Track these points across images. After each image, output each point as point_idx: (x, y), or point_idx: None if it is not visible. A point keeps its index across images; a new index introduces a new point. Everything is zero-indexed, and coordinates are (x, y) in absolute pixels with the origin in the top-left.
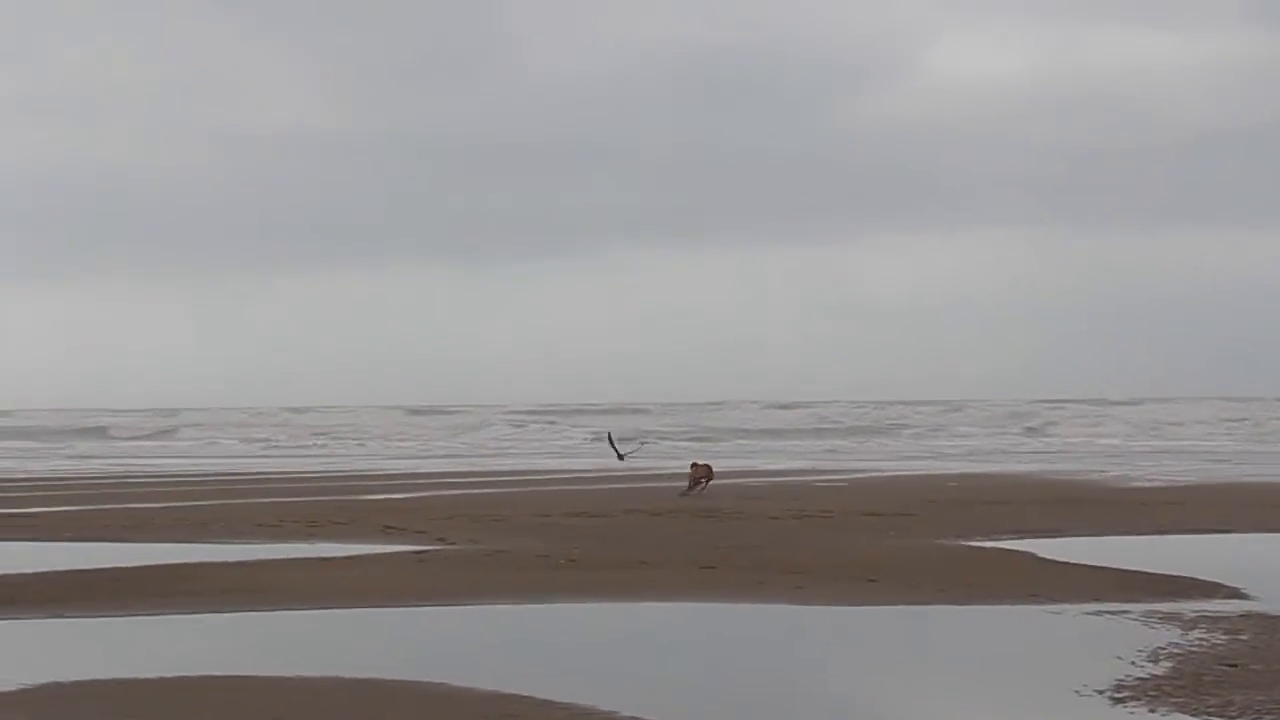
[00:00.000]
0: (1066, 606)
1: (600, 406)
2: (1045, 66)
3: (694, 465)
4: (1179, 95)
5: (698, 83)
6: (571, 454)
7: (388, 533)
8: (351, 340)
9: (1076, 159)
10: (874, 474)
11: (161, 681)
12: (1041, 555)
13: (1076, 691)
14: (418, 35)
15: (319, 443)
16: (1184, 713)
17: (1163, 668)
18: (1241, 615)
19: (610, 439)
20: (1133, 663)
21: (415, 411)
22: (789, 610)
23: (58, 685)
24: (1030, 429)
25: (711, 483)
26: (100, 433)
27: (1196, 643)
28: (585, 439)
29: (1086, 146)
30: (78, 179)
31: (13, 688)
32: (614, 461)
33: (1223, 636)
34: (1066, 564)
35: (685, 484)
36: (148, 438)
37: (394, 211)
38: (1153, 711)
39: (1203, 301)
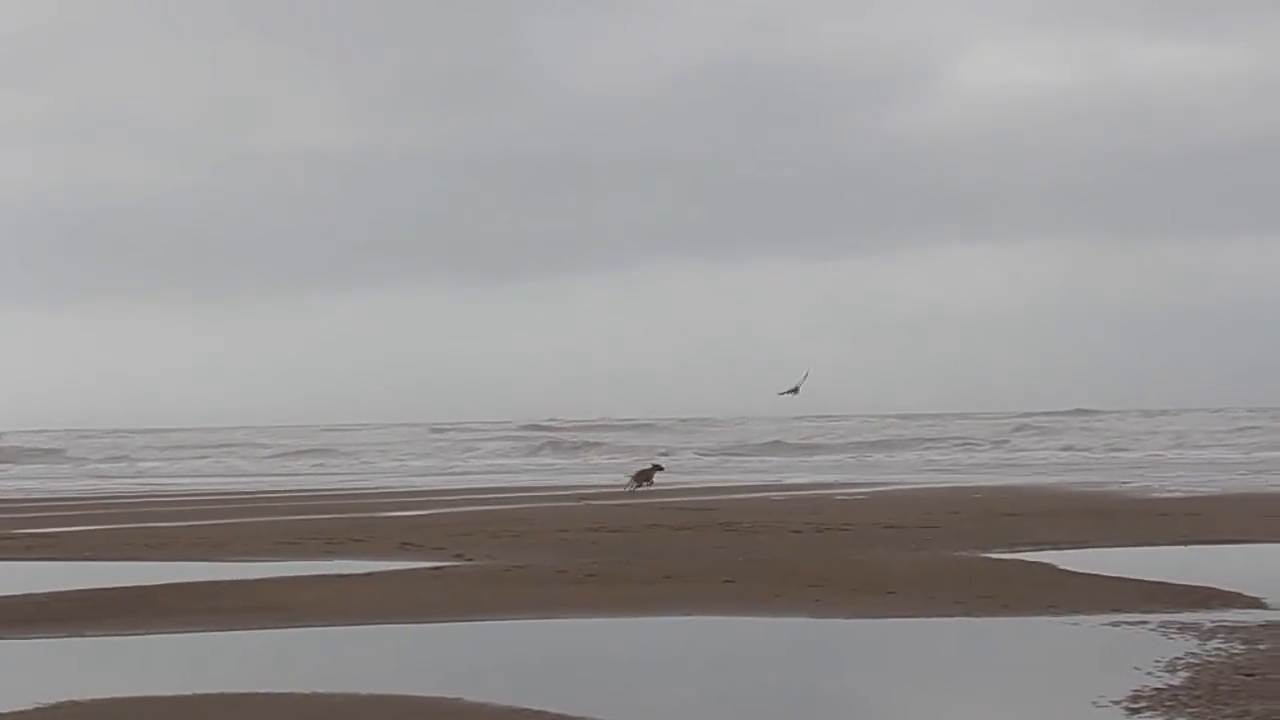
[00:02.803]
0: (1085, 617)
1: (629, 422)
2: (1077, 77)
3: (640, 473)
4: (1212, 106)
5: (727, 98)
6: (594, 470)
7: (405, 549)
8: (376, 358)
9: (1110, 170)
10: (896, 486)
11: (179, 699)
12: (1061, 566)
13: (1093, 702)
14: (443, 52)
15: (341, 460)
16: None
17: (1180, 678)
18: (1260, 625)
19: (796, 386)
20: (1150, 673)
21: (438, 429)
22: (808, 623)
23: (75, 704)
24: (1056, 440)
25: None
26: (123, 453)
27: (1214, 652)
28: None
29: (1120, 157)
30: (97, 200)
31: (30, 706)
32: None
33: (1241, 646)
34: (1086, 575)
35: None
36: (165, 458)
37: (420, 229)
38: None
39: (1236, 311)
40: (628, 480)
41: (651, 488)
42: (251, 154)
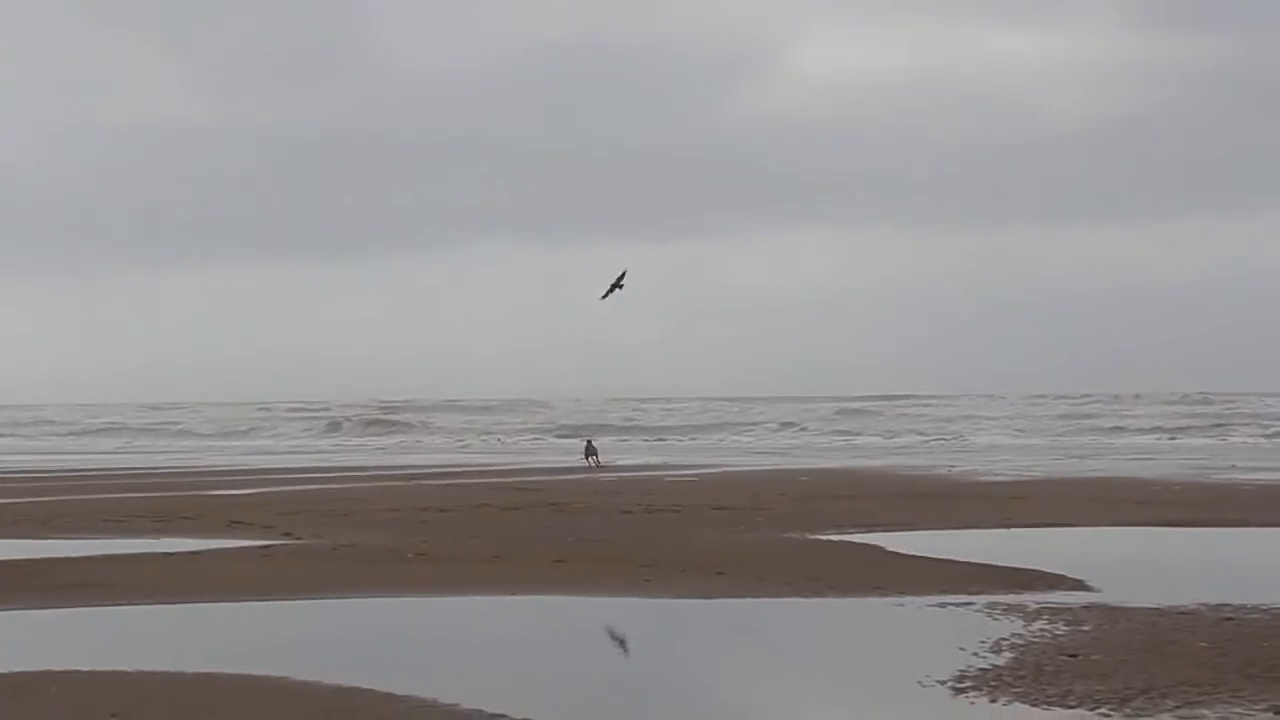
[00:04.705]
0: (911, 599)
1: (459, 403)
2: (915, 64)
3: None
4: (1047, 95)
5: (567, 80)
6: (425, 450)
7: (234, 528)
8: (202, 335)
9: (946, 157)
10: (725, 469)
11: None
12: (888, 549)
13: (919, 682)
14: (283, 30)
15: (171, 439)
16: (1024, 702)
17: (1005, 658)
18: (1084, 606)
19: (617, 282)
20: (975, 654)
21: (266, 408)
22: (637, 603)
23: None
24: (884, 424)
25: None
26: None
27: (1039, 634)
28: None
29: (956, 145)
30: None
31: None
32: (472, 457)
33: (1065, 627)
34: (913, 557)
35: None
36: None
37: (251, 206)
38: (993, 701)
39: (1063, 299)
40: (589, 461)
41: (601, 459)
42: (81, 128)
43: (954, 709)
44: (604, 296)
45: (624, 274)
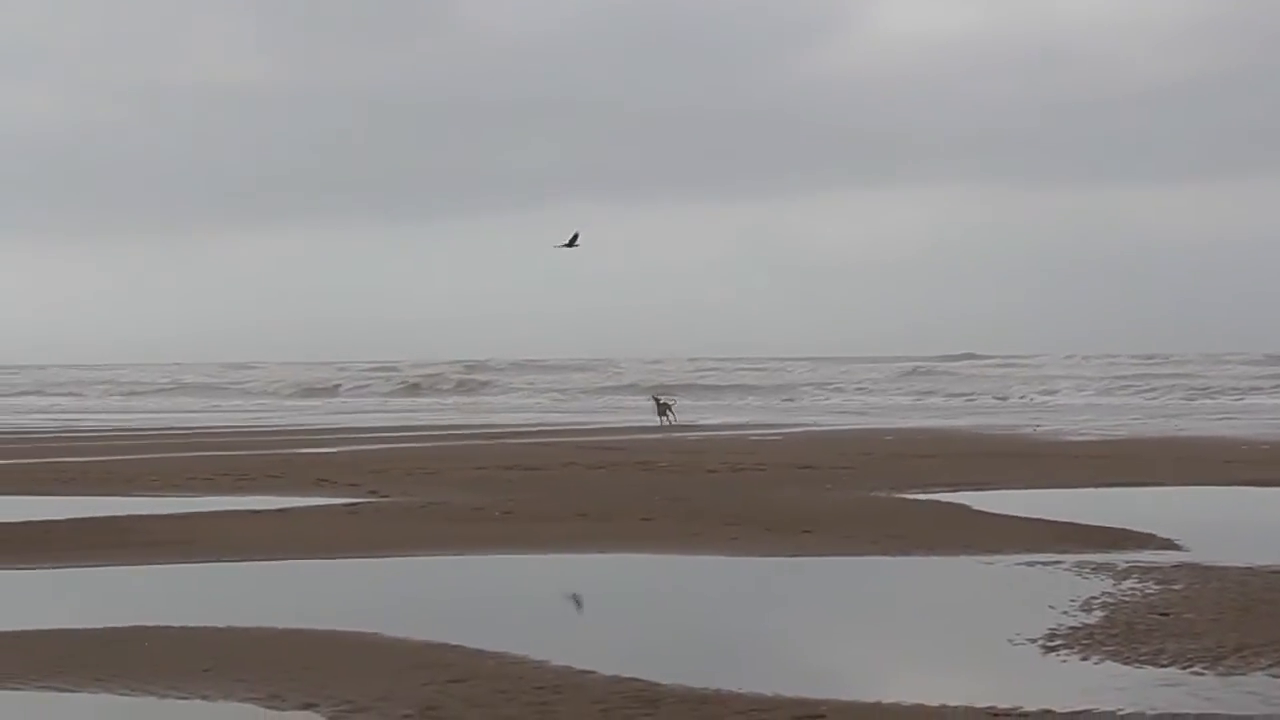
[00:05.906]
0: (1000, 557)
1: (542, 363)
2: (991, 22)
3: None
4: (1125, 54)
5: (642, 40)
6: (511, 409)
7: (320, 485)
8: (285, 296)
9: (1021, 117)
10: (811, 428)
11: (91, 632)
12: (975, 507)
13: (1010, 640)
14: None
15: (252, 398)
16: (1116, 660)
17: (1095, 617)
18: (1174, 566)
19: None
20: (1065, 612)
21: (345, 367)
22: (724, 561)
23: None
24: (966, 384)
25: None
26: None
27: (1129, 592)
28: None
29: (1031, 104)
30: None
31: None
32: (553, 416)
33: (1155, 586)
34: (1000, 516)
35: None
36: (64, 393)
37: (326, 166)
38: (1085, 660)
39: (1140, 260)
40: (661, 418)
41: (673, 416)
42: (155, 87)
43: (1046, 667)
44: (556, 246)
45: (576, 235)
